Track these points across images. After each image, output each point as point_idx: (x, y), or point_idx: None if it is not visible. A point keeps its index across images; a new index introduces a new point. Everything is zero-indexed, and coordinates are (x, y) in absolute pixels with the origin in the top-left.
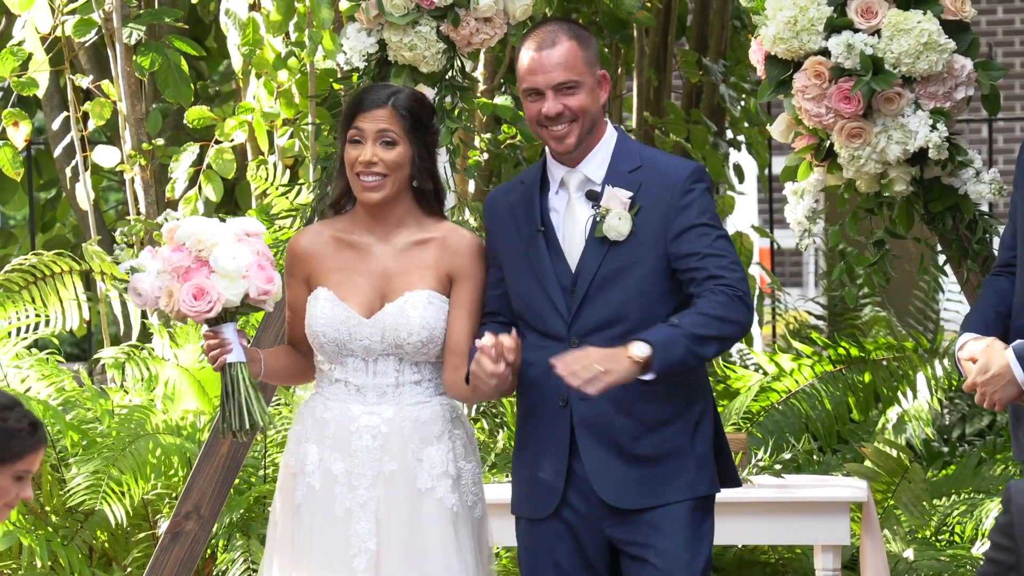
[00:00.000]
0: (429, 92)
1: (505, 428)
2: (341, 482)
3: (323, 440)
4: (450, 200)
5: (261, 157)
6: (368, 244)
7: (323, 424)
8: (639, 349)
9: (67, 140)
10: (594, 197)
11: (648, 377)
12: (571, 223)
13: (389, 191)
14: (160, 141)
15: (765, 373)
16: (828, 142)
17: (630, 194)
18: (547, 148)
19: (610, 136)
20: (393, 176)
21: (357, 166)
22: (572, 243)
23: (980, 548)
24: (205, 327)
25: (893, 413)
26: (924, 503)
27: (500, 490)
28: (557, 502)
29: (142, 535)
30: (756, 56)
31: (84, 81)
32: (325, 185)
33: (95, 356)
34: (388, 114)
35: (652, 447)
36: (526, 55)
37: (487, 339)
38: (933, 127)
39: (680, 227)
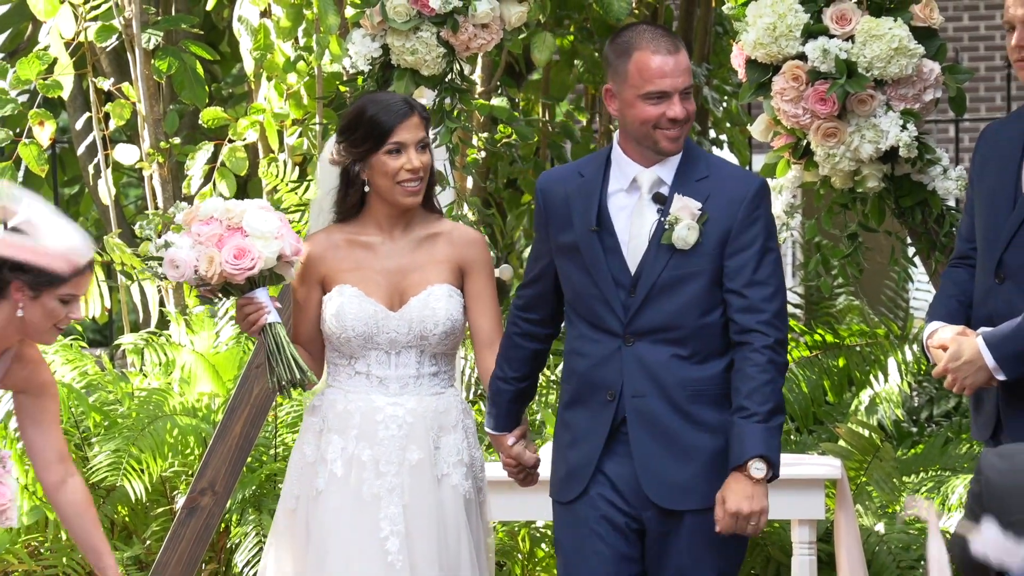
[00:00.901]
0: (430, 94)
1: None
2: (369, 469)
3: (347, 431)
4: (449, 195)
5: (272, 155)
6: (379, 243)
7: (347, 416)
8: (757, 470)
9: (89, 139)
10: (660, 200)
11: (768, 475)
12: (639, 223)
13: (423, 194)
14: (177, 140)
15: None
16: (805, 141)
17: (700, 206)
18: (619, 141)
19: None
20: (427, 179)
21: (402, 174)
22: (636, 243)
23: (947, 522)
24: (240, 296)
25: (865, 396)
26: (894, 480)
27: (495, 468)
28: (584, 485)
29: (160, 510)
30: (737, 60)
31: (105, 84)
32: (342, 196)
33: (116, 342)
34: (419, 122)
35: (699, 449)
36: (654, 58)
37: (511, 454)
38: (903, 127)
39: (740, 245)
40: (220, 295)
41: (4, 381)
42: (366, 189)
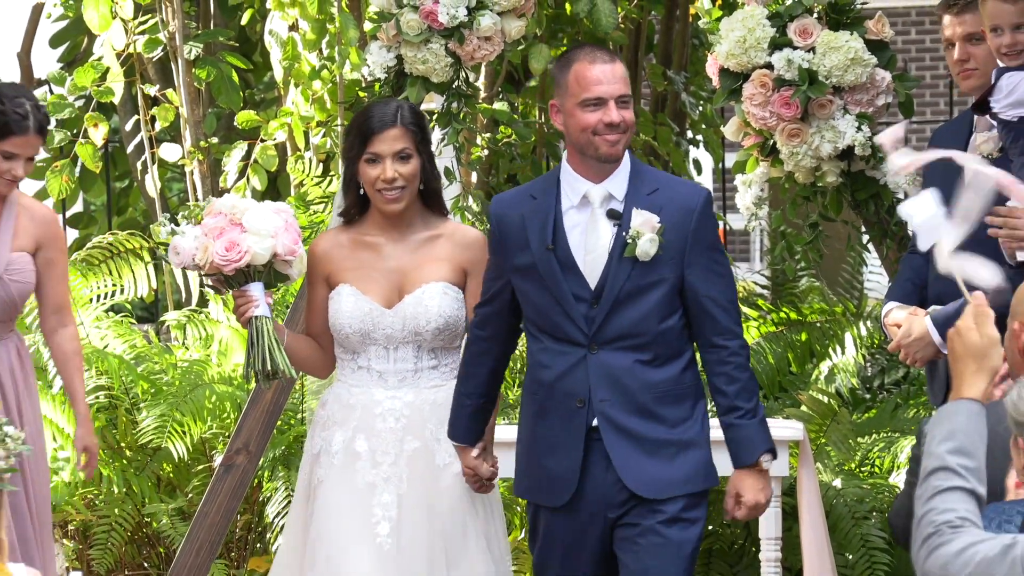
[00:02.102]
0: (439, 99)
1: None
2: (364, 459)
3: (348, 423)
4: (456, 188)
5: (299, 153)
6: (382, 244)
7: (349, 409)
8: (768, 463)
9: (137, 139)
10: (615, 216)
11: (770, 461)
12: (594, 238)
13: (408, 200)
14: (215, 140)
15: None
16: (771, 141)
17: (658, 219)
18: (567, 159)
19: (626, 158)
20: (410, 187)
21: (379, 183)
22: (592, 257)
23: (895, 477)
24: (236, 288)
25: (825, 366)
26: (850, 441)
27: (501, 430)
28: (572, 492)
29: (200, 467)
30: (712, 69)
31: (152, 90)
32: (342, 196)
33: (161, 319)
34: (400, 132)
35: (670, 443)
36: (591, 68)
37: (469, 464)
38: (858, 128)
39: (697, 253)
40: (225, 286)
41: (19, 239)
42: (361, 192)
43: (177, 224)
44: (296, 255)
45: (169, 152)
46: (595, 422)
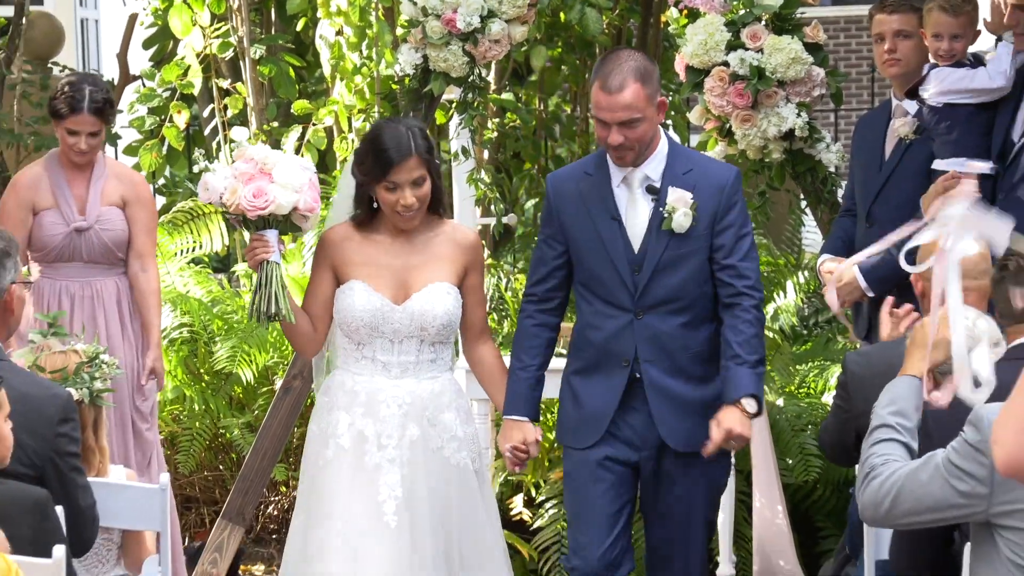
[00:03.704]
0: (457, 91)
1: None
2: (371, 442)
3: (353, 408)
4: (471, 163)
5: (343, 135)
6: (389, 242)
7: (353, 395)
8: (750, 406)
9: (213, 123)
10: (653, 192)
11: (756, 411)
12: (633, 213)
13: (421, 216)
14: (275, 124)
15: None
16: (728, 125)
17: (691, 196)
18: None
19: (664, 142)
20: (424, 206)
21: (399, 207)
22: (634, 230)
23: (826, 397)
24: (254, 231)
25: (770, 308)
26: (790, 368)
27: None
28: (604, 429)
29: (264, 389)
30: (679, 66)
31: (224, 83)
32: (356, 204)
33: (232, 269)
34: (416, 162)
35: (702, 401)
36: (599, 94)
37: (529, 442)
38: (798, 115)
39: (725, 225)
40: (242, 225)
41: (108, 197)
42: (375, 205)
43: (210, 162)
44: (314, 212)
45: (238, 134)
46: (637, 375)
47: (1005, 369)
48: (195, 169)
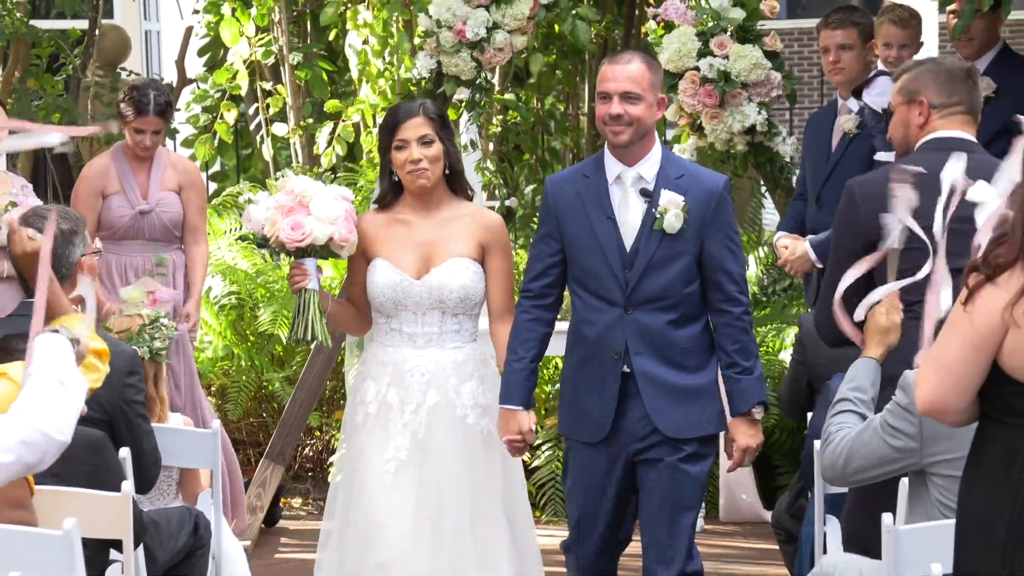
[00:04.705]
0: (466, 92)
1: None
2: (395, 409)
3: (381, 378)
4: (478, 154)
5: (369, 129)
6: (413, 220)
7: (383, 366)
8: (758, 413)
9: (257, 120)
10: (647, 194)
11: (764, 412)
12: (625, 212)
13: (433, 179)
14: (310, 120)
15: None
16: (699, 121)
17: (683, 199)
18: (607, 145)
19: (658, 148)
20: (433, 167)
21: (407, 165)
22: (626, 228)
23: (783, 355)
24: (293, 259)
25: None
26: (753, 330)
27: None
28: (607, 431)
29: (301, 348)
30: None
31: (267, 85)
32: (379, 181)
33: None
34: (423, 120)
35: (691, 390)
36: (607, 66)
37: (524, 430)
38: (759, 112)
39: (714, 230)
40: (275, 253)
41: (166, 183)
42: (395, 178)
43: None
44: (348, 242)
45: (279, 129)
46: (628, 370)
47: (909, 326)
48: (241, 199)
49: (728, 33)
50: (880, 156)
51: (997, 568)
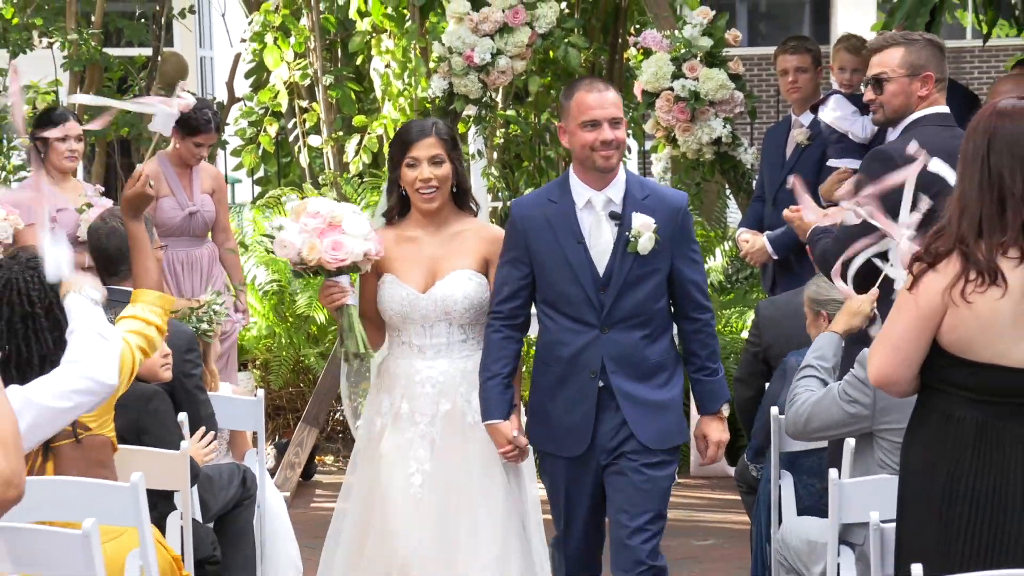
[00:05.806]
0: (473, 109)
1: None
2: (406, 419)
3: (394, 389)
4: (484, 162)
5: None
6: (420, 237)
7: (394, 378)
8: (725, 410)
9: (295, 132)
10: (616, 217)
11: (727, 409)
12: (597, 236)
13: (441, 200)
14: (340, 133)
15: None
16: (673, 134)
17: (654, 221)
18: (573, 170)
19: (622, 169)
20: (443, 187)
21: (417, 183)
22: (598, 251)
23: (743, 333)
24: (326, 278)
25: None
26: (719, 312)
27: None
28: (587, 445)
29: (333, 328)
30: (637, 90)
31: (304, 103)
32: (387, 197)
33: None
34: (435, 141)
35: (660, 404)
36: (588, 96)
37: (511, 439)
38: (724, 126)
39: (681, 244)
40: (311, 274)
41: (204, 187)
42: (403, 192)
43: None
44: (380, 254)
45: (314, 140)
46: (603, 384)
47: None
48: (268, 228)
49: (698, 59)
50: (832, 162)
51: (934, 516)
